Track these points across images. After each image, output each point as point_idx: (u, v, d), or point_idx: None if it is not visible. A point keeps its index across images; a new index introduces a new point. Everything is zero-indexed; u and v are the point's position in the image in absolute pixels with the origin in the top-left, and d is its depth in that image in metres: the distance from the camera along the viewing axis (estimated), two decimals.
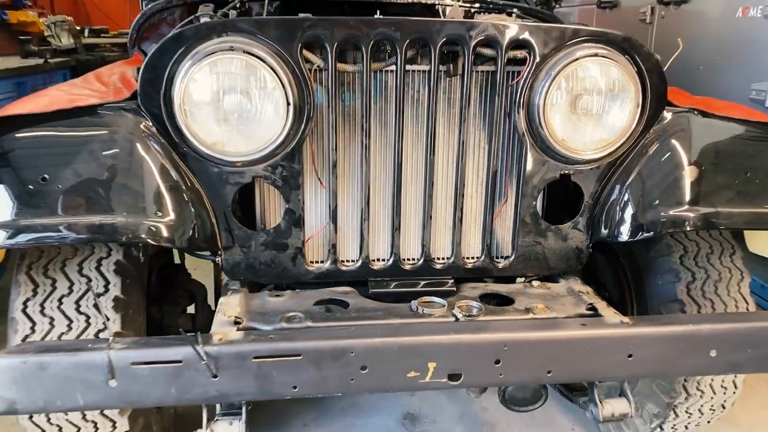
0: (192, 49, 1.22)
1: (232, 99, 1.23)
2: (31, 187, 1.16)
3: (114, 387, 1.10)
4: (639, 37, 3.68)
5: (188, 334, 1.16)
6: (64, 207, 1.16)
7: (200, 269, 1.89)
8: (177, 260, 1.86)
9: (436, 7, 2.16)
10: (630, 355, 1.22)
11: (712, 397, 1.68)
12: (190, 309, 1.82)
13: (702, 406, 1.69)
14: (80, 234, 1.16)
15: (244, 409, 1.24)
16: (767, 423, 2.06)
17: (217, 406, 1.27)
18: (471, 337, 1.19)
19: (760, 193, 1.36)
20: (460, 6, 2.15)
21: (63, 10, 5.90)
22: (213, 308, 1.77)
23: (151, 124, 1.25)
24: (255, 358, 1.11)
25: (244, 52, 1.21)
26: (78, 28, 4.87)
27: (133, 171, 1.21)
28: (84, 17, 5.81)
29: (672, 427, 1.76)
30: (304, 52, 1.27)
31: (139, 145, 1.23)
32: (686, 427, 1.78)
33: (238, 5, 1.81)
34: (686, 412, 1.70)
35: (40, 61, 3.62)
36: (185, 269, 1.83)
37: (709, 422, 1.79)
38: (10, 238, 1.16)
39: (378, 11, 1.71)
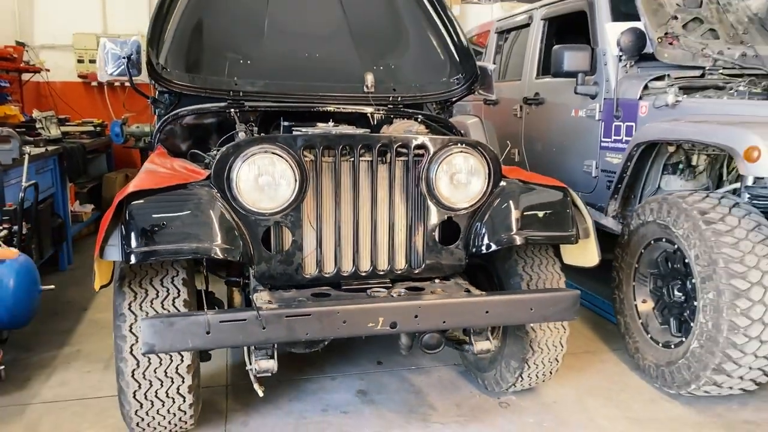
0: (242, 152, 2.20)
1: (264, 179, 2.21)
2: (156, 228, 2.07)
3: (209, 335, 2.00)
4: (514, 127, 5.00)
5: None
6: (174, 239, 2.08)
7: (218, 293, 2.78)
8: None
9: (368, 115, 3.28)
10: (487, 312, 2.25)
11: (548, 353, 2.74)
12: None
13: (543, 359, 2.74)
14: (184, 254, 2.08)
15: (275, 351, 2.17)
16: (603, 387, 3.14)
17: (255, 350, 2.17)
18: (401, 304, 2.18)
19: (554, 224, 2.46)
20: (383, 113, 3.27)
21: (32, 101, 6.67)
22: None
23: (218, 192, 2.21)
24: (286, 317, 2.05)
25: (271, 153, 2.21)
26: None
27: (210, 219, 2.15)
28: (51, 106, 6.58)
29: (528, 376, 2.79)
30: (303, 151, 2.28)
31: (212, 205, 2.17)
32: (537, 376, 2.82)
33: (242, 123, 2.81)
34: (534, 363, 2.74)
35: (43, 150, 4.41)
36: (211, 291, 2.71)
37: (551, 372, 2.84)
38: (141, 257, 2.06)
39: (330, 118, 2.78)
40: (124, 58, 3.14)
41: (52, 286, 3.36)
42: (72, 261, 5.12)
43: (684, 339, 2.86)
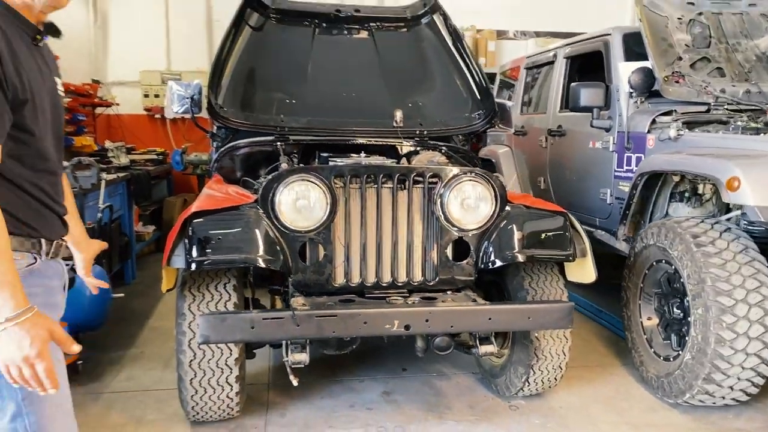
0: (283, 180, 2.65)
1: (301, 202, 2.64)
2: (213, 241, 2.52)
3: (253, 330, 2.42)
4: (540, 156, 5.38)
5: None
6: (227, 250, 2.53)
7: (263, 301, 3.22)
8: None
9: (396, 147, 3.70)
10: (489, 318, 2.60)
11: (552, 360, 3.04)
12: None
13: (547, 365, 3.05)
14: (235, 263, 2.53)
15: (308, 346, 2.57)
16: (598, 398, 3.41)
17: (291, 345, 2.58)
18: (414, 309, 2.56)
19: (553, 244, 2.80)
20: (410, 146, 3.68)
21: (103, 132, 7.41)
22: None
23: (263, 213, 2.65)
24: (316, 317, 2.45)
25: (307, 181, 2.64)
26: None
27: (256, 235, 2.59)
28: (120, 136, 7.29)
29: (534, 381, 3.10)
30: (334, 179, 2.70)
31: (258, 224, 2.62)
32: (542, 381, 3.12)
33: (286, 155, 3.27)
34: (539, 369, 3.05)
35: (115, 176, 5.01)
36: (256, 298, 3.15)
37: (556, 379, 3.14)
38: (200, 264, 2.51)
39: (362, 150, 3.22)
40: (187, 98, 3.68)
41: (122, 294, 3.89)
42: (135, 276, 5.69)
43: (681, 352, 3.12)
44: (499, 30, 8.18)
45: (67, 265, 2.56)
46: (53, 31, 1.59)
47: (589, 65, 4.89)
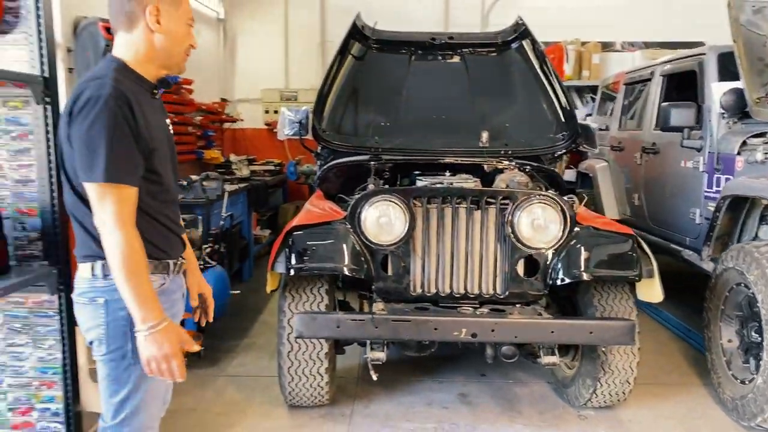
0: (369, 199, 3.03)
1: (383, 219, 3.02)
2: (308, 251, 2.96)
3: (339, 329, 2.82)
4: (636, 173, 5.46)
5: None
6: (319, 260, 2.96)
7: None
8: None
9: (483, 165, 3.97)
10: (552, 332, 2.82)
11: (619, 375, 3.18)
12: None
13: (614, 379, 3.19)
14: (326, 270, 2.95)
15: (385, 345, 2.94)
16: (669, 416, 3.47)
17: (372, 344, 2.96)
18: (482, 320, 2.84)
19: (618, 264, 2.97)
20: (497, 164, 3.93)
21: (228, 145, 8.26)
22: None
23: (351, 228, 3.05)
24: (392, 321, 2.81)
25: (389, 201, 3.01)
26: None
27: (344, 247, 2.99)
28: (243, 149, 8.11)
29: (601, 393, 3.25)
30: (414, 199, 3.05)
31: (346, 237, 3.01)
32: (610, 395, 3.26)
33: (376, 175, 3.67)
34: (606, 383, 3.20)
35: (236, 187, 5.69)
36: (347, 301, 3.57)
37: (624, 393, 3.27)
38: (297, 270, 2.95)
39: (447, 170, 3.53)
40: (297, 122, 4.19)
41: (238, 291, 4.48)
42: (252, 275, 6.36)
43: (756, 376, 3.13)
44: (606, 42, 8.09)
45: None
46: (165, 83, 1.96)
47: (687, 83, 4.85)
